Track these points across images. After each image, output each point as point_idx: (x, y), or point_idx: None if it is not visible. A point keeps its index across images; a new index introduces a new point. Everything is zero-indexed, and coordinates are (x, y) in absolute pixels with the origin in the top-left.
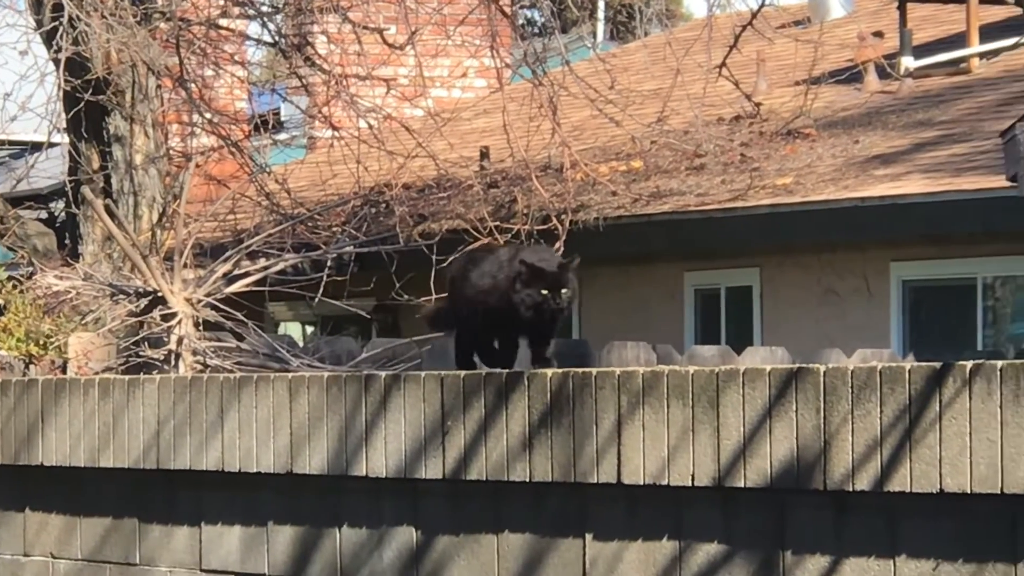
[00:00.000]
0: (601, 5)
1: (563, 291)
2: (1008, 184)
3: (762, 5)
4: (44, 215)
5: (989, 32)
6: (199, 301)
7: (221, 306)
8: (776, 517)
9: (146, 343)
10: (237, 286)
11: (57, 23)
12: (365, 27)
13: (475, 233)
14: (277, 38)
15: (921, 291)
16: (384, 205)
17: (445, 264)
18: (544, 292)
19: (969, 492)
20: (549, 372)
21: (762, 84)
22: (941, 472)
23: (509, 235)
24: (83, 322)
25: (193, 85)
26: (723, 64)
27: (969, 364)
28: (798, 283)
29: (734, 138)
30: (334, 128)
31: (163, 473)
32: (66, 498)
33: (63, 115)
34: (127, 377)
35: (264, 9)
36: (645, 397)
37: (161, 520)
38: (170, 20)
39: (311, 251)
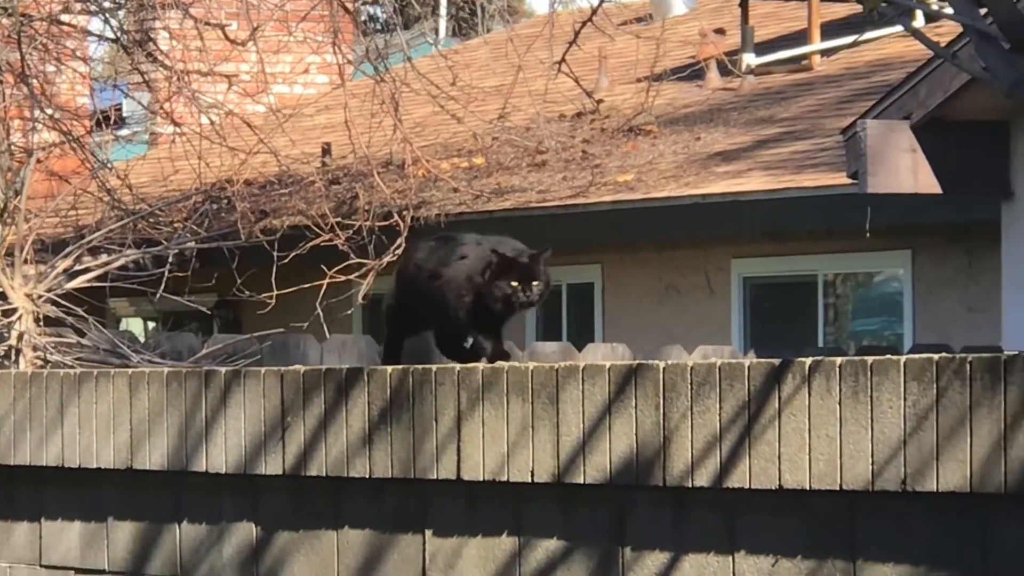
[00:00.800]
0: (443, 2)
1: (535, 283)
2: (849, 181)
3: (602, 2)
4: None
5: (831, 29)
6: (40, 297)
7: (62, 302)
8: (616, 513)
9: None
10: (78, 282)
11: None
12: (207, 23)
13: (316, 229)
14: (119, 34)
15: (762, 288)
16: (226, 201)
17: (286, 260)
18: (515, 284)
19: (808, 488)
20: (389, 369)
21: (604, 81)
22: (780, 468)
23: (351, 231)
24: None
25: (35, 81)
26: (563, 60)
27: (808, 361)
28: (640, 280)
29: (576, 135)
30: (176, 124)
31: (3, 469)
32: None
33: None
34: None
35: (106, 5)
36: (485, 393)
37: (1, 516)
38: (11, 16)
39: (152, 247)
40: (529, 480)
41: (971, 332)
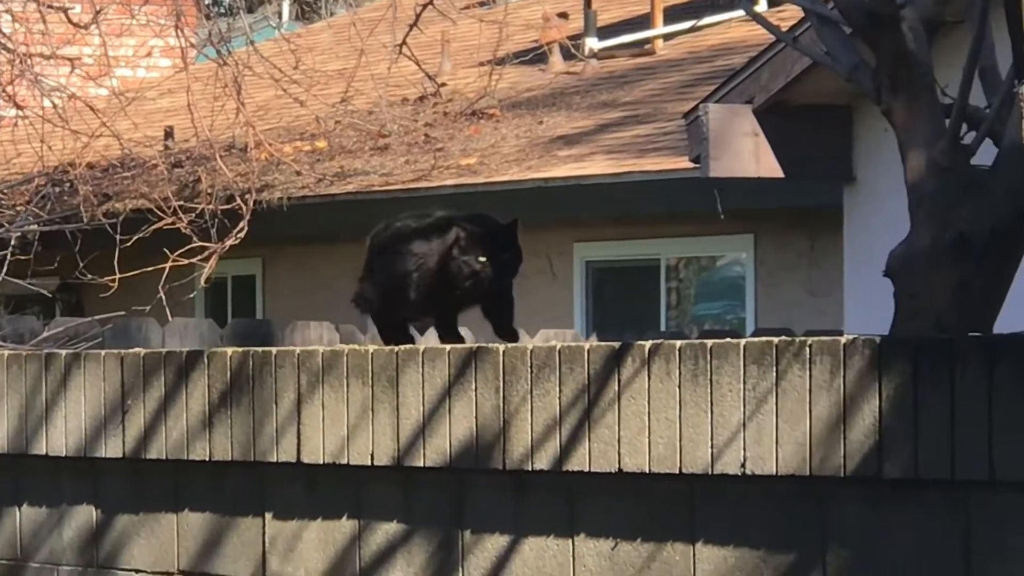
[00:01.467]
0: None
1: (503, 256)
2: (691, 165)
3: None
4: None
5: (674, 13)
6: None
7: None
8: (456, 496)
9: None
10: None
11: None
12: (50, 6)
13: (159, 213)
14: None
15: (605, 272)
16: (68, 184)
17: (129, 243)
18: (482, 259)
19: (648, 472)
20: (229, 351)
21: (447, 65)
22: (620, 452)
23: (193, 215)
24: None
25: None
26: (403, 43)
27: (648, 344)
28: None
29: (419, 118)
30: (18, 107)
31: None
32: None
33: None
34: None
35: None
36: (325, 376)
37: None
38: None
39: None
40: (369, 463)
41: (814, 316)
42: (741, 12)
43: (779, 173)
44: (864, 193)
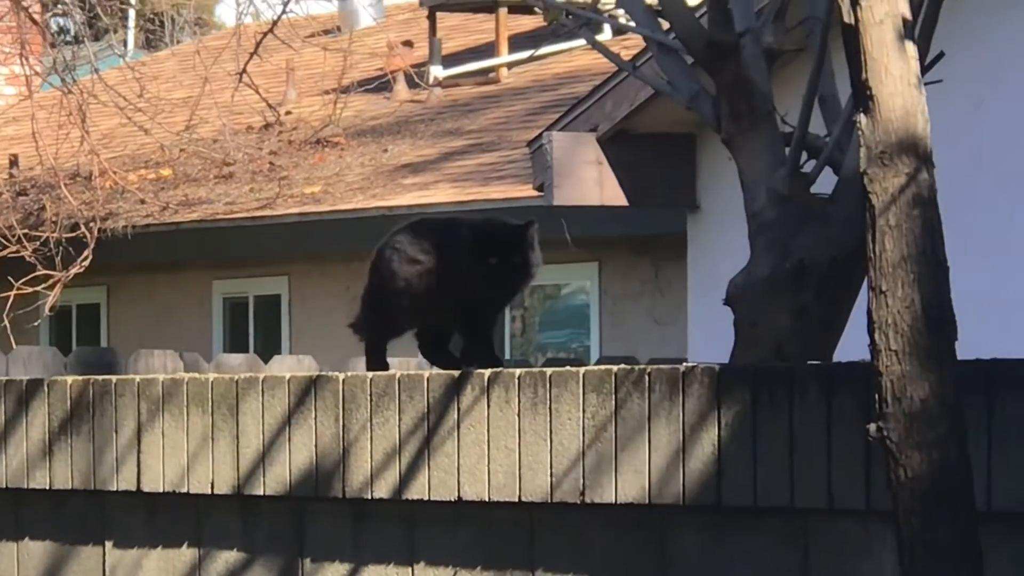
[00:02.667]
0: (132, 14)
1: (516, 259)
2: (536, 193)
3: (282, 13)
4: None
5: (519, 42)
6: None
7: None
8: (296, 524)
9: None
10: None
11: None
12: None
13: (3, 241)
14: None
15: None
16: None
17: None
18: (493, 261)
19: (488, 500)
20: (69, 379)
21: (292, 93)
22: (460, 480)
23: (38, 243)
24: None
25: None
26: (243, 71)
27: (487, 372)
28: (327, 291)
29: (263, 147)
30: None
31: None
32: None
33: None
34: None
35: None
36: (165, 404)
37: None
38: None
39: None
40: (209, 491)
41: (658, 344)
42: (584, 41)
43: (623, 201)
44: (707, 221)
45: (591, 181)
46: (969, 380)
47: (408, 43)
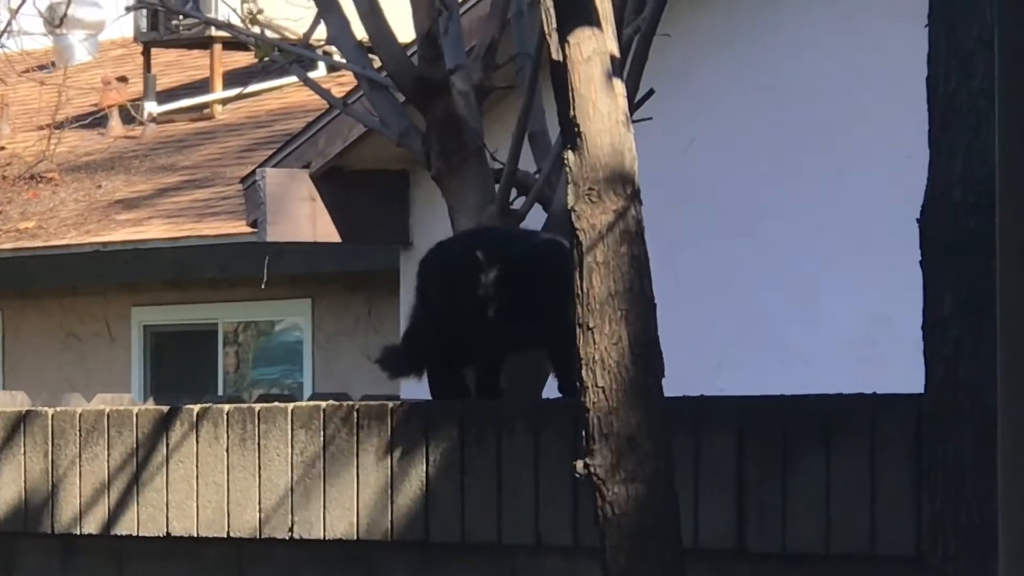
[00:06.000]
0: None
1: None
2: (249, 230)
3: None
4: None
5: (233, 78)
6: None
7: None
8: (5, 560)
9: None
10: None
11: None
12: None
13: None
14: None
15: (163, 336)
16: None
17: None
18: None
19: (196, 536)
20: None
21: (6, 128)
22: (168, 515)
23: None
24: None
25: None
26: None
27: (197, 408)
28: (40, 328)
29: None
30: None
31: None
32: None
33: None
34: None
35: None
36: None
37: None
38: None
39: None
40: None
41: (372, 381)
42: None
43: (336, 238)
44: (419, 258)
45: (304, 217)
46: (677, 417)
47: (123, 78)
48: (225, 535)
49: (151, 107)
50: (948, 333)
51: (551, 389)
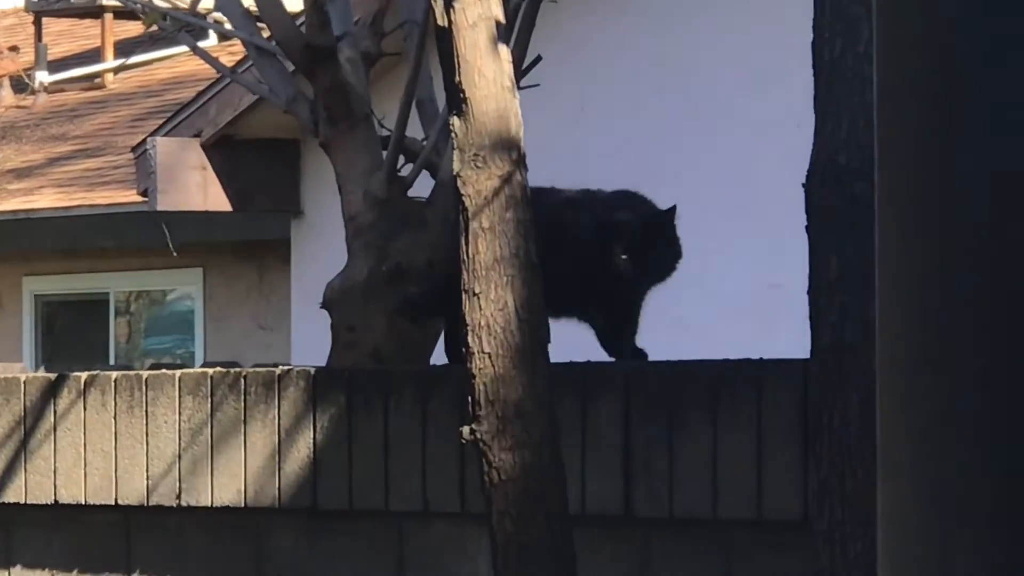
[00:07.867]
0: None
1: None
2: (140, 199)
3: None
4: None
5: (124, 48)
6: None
7: None
8: None
9: None
10: None
11: None
12: None
13: None
14: None
15: (55, 306)
16: None
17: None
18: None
19: (84, 503)
20: None
21: None
22: (56, 483)
23: None
24: None
25: None
26: None
27: (84, 375)
28: None
29: None
30: None
31: None
32: None
33: None
34: None
35: None
36: None
37: None
38: None
39: None
40: None
41: (263, 350)
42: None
43: (227, 207)
44: (310, 226)
45: (195, 186)
46: (564, 383)
47: (14, 48)
48: (113, 503)
49: (42, 76)
50: (834, 298)
51: (439, 355)
